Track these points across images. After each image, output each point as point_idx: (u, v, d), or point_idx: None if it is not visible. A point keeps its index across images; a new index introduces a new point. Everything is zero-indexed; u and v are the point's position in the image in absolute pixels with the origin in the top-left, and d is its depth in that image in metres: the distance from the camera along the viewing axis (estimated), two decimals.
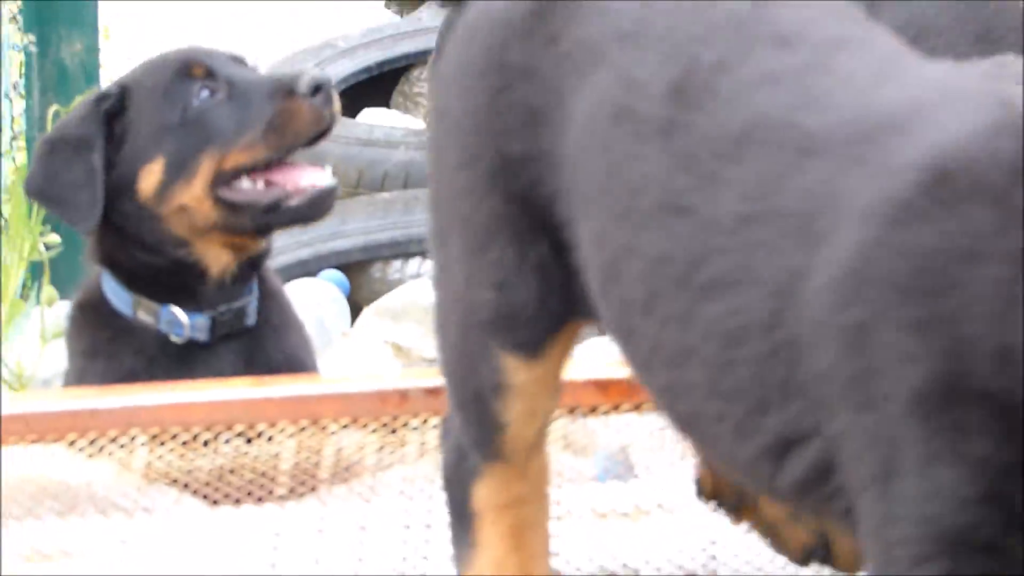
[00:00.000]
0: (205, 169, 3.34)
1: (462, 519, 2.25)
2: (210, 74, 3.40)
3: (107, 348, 3.39)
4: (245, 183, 3.39)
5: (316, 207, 3.39)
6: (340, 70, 5.56)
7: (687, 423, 2.11)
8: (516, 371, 2.17)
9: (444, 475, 2.24)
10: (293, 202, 3.36)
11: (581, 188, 2.07)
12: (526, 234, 2.16)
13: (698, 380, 2.01)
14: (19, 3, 3.92)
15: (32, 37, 3.96)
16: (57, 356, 3.48)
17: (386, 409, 2.62)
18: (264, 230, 3.44)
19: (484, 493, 2.23)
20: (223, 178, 3.36)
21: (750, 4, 2.04)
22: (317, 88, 3.36)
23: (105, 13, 4.54)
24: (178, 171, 3.36)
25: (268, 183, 3.40)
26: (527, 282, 2.16)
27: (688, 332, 1.97)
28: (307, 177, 3.44)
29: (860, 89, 1.91)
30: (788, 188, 1.82)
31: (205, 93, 3.38)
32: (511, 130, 2.13)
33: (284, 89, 3.38)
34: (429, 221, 2.32)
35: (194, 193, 3.34)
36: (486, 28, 2.24)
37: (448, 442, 2.29)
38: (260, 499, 2.55)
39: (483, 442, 2.23)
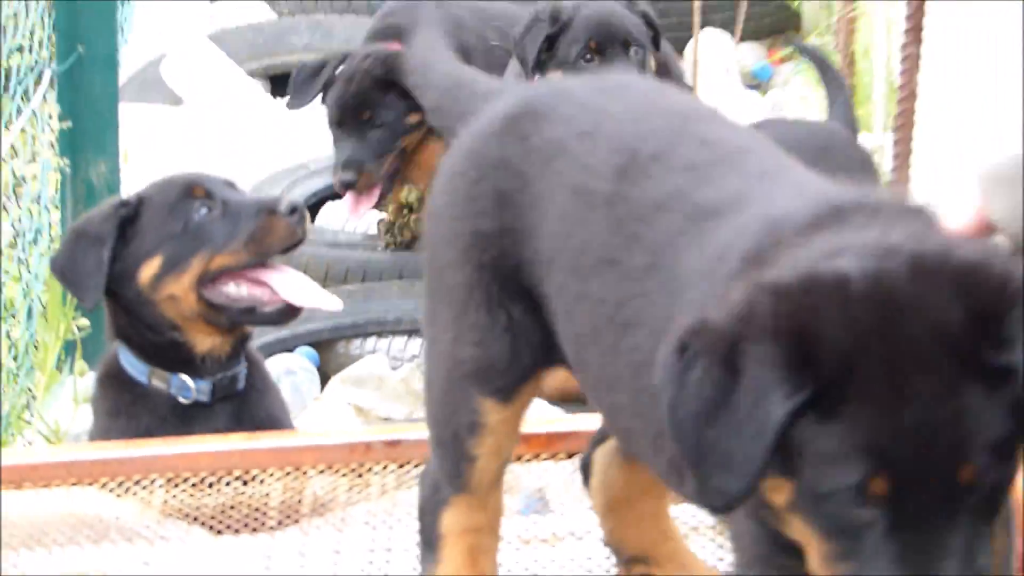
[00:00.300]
0: (195, 267, 3.37)
1: (430, 540, 2.28)
2: (208, 195, 3.46)
3: (127, 409, 3.38)
4: (231, 286, 3.43)
5: (285, 316, 3.48)
6: (312, 187, 5.53)
7: (623, 437, 2.18)
8: (490, 412, 2.19)
9: (420, 504, 2.29)
10: (267, 309, 3.44)
11: (546, 249, 2.13)
12: (496, 299, 2.20)
13: (624, 403, 2.04)
14: (56, 132, 3.94)
15: (66, 160, 3.97)
16: (86, 417, 3.50)
17: (354, 457, 2.64)
18: (238, 327, 3.49)
19: (450, 519, 2.26)
20: (209, 276, 3.40)
21: (681, 119, 2.17)
22: (293, 209, 3.43)
23: (125, 140, 4.28)
24: (172, 267, 3.39)
25: (251, 282, 3.44)
26: (500, 339, 2.20)
27: (616, 362, 2.01)
28: (285, 284, 3.49)
29: (741, 179, 1.97)
30: (674, 245, 1.86)
31: (203, 209, 3.42)
32: (484, 211, 2.19)
33: (267, 208, 3.45)
34: (424, 300, 2.39)
35: (182, 286, 3.38)
36: (469, 137, 2.29)
37: (425, 480, 2.33)
38: (254, 530, 2.55)
39: (455, 474, 2.25)
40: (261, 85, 5.15)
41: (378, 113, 4.98)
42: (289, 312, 3.46)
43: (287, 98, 5.09)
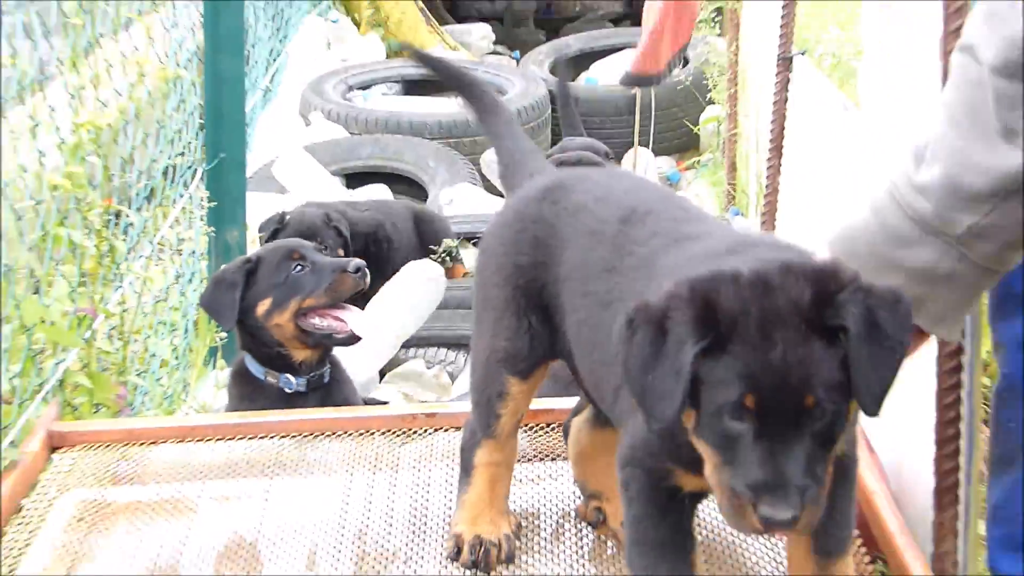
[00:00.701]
0: (292, 306, 3.53)
1: (466, 468, 2.34)
2: (302, 257, 3.59)
3: (250, 395, 3.53)
4: (316, 319, 3.58)
5: (351, 340, 3.62)
6: None
7: (596, 392, 2.21)
8: (513, 386, 2.28)
9: (461, 444, 2.37)
10: (339, 336, 3.59)
11: (564, 272, 2.21)
12: (524, 310, 2.28)
13: (602, 363, 2.08)
14: (205, 210, 4.01)
15: (212, 228, 4.06)
16: (223, 398, 3.60)
17: (403, 424, 2.69)
18: (321, 346, 3.65)
19: (480, 455, 2.32)
20: (301, 312, 3.54)
21: (663, 193, 2.46)
22: (357, 269, 3.59)
23: (249, 216, 4.34)
24: (277, 306, 3.54)
25: (330, 317, 3.60)
26: (523, 338, 2.27)
27: (600, 332, 2.05)
28: (352, 319, 3.67)
29: (705, 225, 2.11)
30: (658, 254, 1.96)
31: (298, 267, 3.58)
32: (523, 251, 2.29)
33: (340, 268, 3.61)
34: (474, 308, 2.46)
35: (284, 318, 3.52)
36: (515, 200, 2.42)
37: (466, 428, 2.37)
38: (336, 473, 2.53)
39: (486, 425, 2.30)
40: (339, 181, 5.19)
41: None
42: (353, 338, 3.61)
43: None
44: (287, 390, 3.55)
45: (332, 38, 6.75)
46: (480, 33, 7.49)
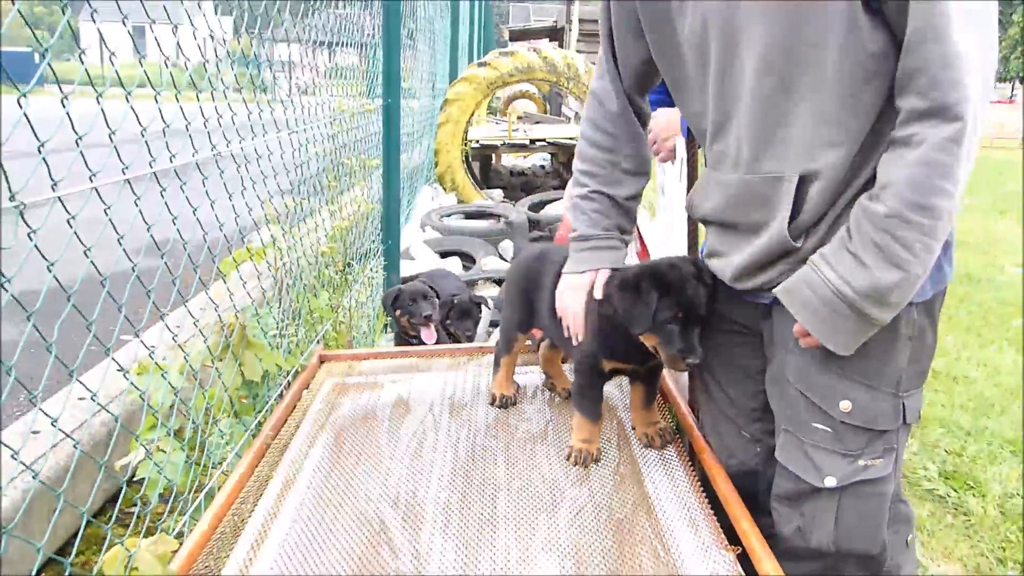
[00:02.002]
0: (403, 320, 3.29)
1: (496, 367, 2.22)
2: (420, 295, 3.33)
3: (403, 344, 3.37)
4: (419, 329, 3.31)
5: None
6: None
7: (557, 336, 1.98)
8: (518, 335, 2.13)
9: (494, 356, 2.25)
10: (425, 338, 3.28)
11: (541, 285, 2.02)
12: (525, 306, 2.09)
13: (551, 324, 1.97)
14: (382, 271, 4.06)
15: (384, 273, 4.07)
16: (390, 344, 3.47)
17: (469, 352, 2.53)
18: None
19: (502, 361, 2.20)
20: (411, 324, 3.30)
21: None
22: (428, 316, 3.31)
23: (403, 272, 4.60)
24: (400, 318, 3.32)
25: (423, 328, 3.31)
26: (523, 314, 2.10)
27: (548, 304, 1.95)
28: (429, 332, 3.33)
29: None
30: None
31: (412, 302, 3.31)
32: (524, 277, 2.10)
33: (428, 310, 3.31)
34: (504, 301, 2.27)
35: (403, 324, 3.31)
36: (521, 257, 2.19)
37: (496, 350, 2.22)
38: (449, 370, 2.42)
39: (506, 350, 2.16)
40: (437, 256, 5.13)
41: None
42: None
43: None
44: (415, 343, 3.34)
45: (434, 194, 6.78)
46: (498, 194, 7.51)
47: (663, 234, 2.48)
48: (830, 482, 1.41)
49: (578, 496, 1.77)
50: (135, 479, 1.77)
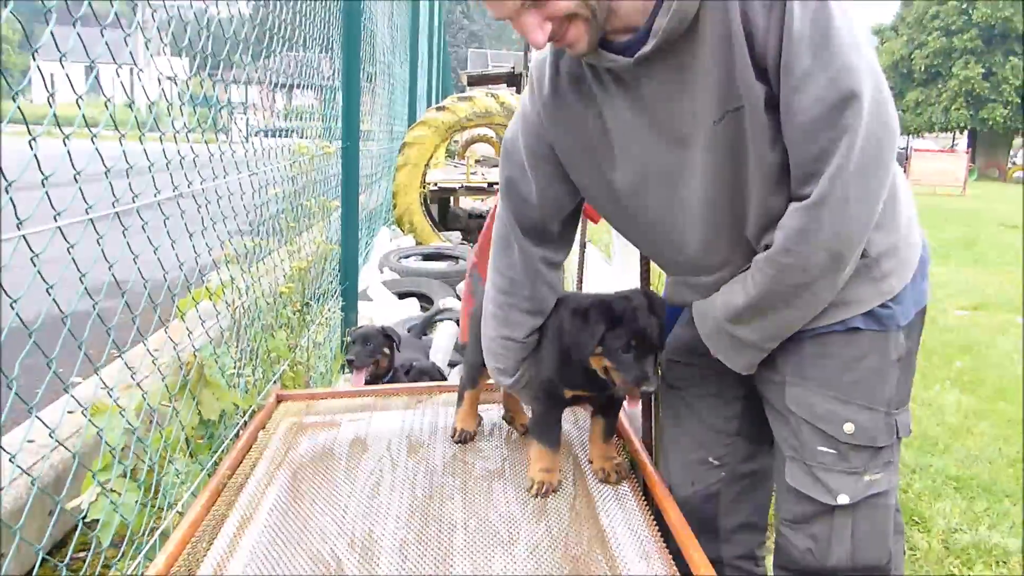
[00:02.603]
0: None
1: (460, 397, 2.21)
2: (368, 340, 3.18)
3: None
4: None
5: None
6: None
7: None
8: (482, 372, 2.10)
9: (459, 390, 2.22)
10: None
11: None
12: None
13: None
14: (340, 310, 4.08)
15: (342, 313, 4.07)
16: (346, 385, 3.43)
17: (428, 391, 2.52)
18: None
19: (467, 393, 2.18)
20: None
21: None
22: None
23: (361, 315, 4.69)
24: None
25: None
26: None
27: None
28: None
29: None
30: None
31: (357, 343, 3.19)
32: None
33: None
34: (470, 342, 2.22)
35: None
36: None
37: (460, 384, 2.21)
38: (406, 408, 2.46)
39: (469, 384, 2.14)
40: (395, 297, 5.12)
41: None
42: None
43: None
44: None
45: (392, 235, 6.81)
46: (456, 236, 7.56)
47: (620, 273, 2.55)
48: (843, 499, 1.48)
49: (535, 532, 1.80)
50: (88, 520, 1.75)
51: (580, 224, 3.31)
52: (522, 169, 1.66)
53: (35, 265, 1.31)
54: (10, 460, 1.27)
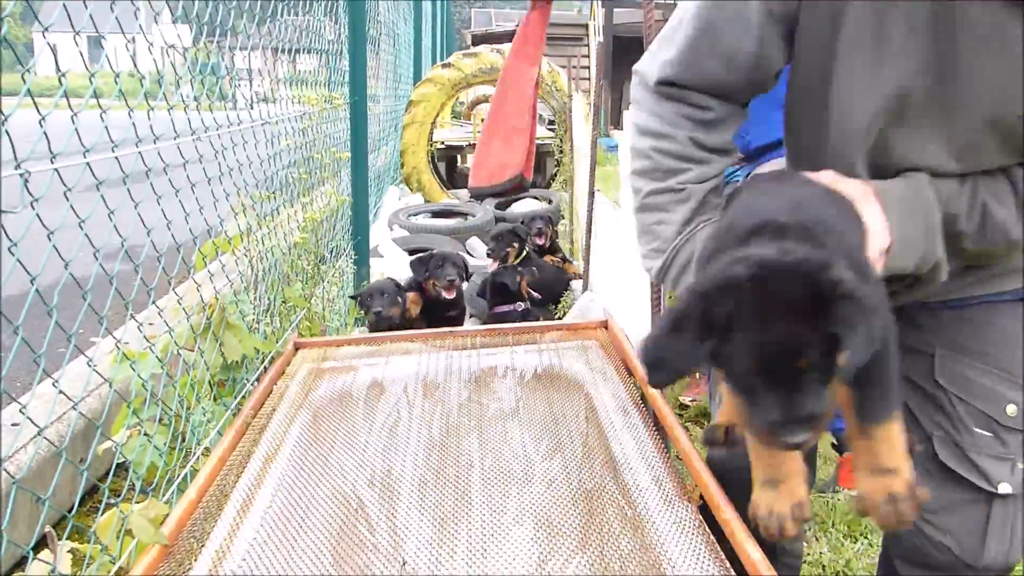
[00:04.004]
0: (428, 284, 3.38)
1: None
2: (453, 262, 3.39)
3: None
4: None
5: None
6: None
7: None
8: None
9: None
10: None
11: None
12: None
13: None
14: (352, 265, 4.14)
15: (354, 268, 4.11)
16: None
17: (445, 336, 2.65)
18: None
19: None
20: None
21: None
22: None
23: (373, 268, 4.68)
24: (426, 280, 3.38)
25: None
26: None
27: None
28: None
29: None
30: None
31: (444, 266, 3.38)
32: None
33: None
34: None
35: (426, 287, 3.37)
36: None
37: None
38: (421, 352, 2.49)
39: None
40: (405, 254, 5.10)
41: None
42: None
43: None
44: None
45: (401, 194, 6.84)
46: (464, 193, 7.57)
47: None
48: (1005, 488, 1.27)
49: (550, 468, 1.85)
50: (121, 464, 1.82)
51: (589, 173, 3.35)
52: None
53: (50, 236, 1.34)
54: (21, 411, 1.31)
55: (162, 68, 2.01)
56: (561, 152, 7.49)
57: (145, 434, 1.79)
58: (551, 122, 8.46)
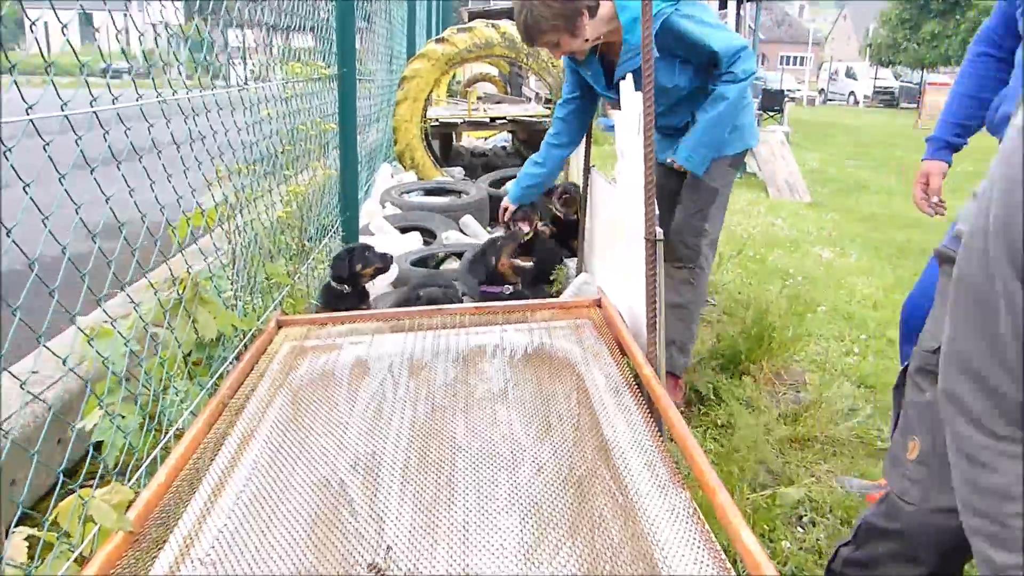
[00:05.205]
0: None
1: None
2: (366, 250, 3.24)
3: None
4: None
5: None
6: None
7: None
8: None
9: None
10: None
11: None
12: None
13: None
14: (341, 242, 4.09)
15: (343, 245, 4.03)
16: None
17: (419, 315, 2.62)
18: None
19: None
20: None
21: None
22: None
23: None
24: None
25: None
26: None
27: None
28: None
29: None
30: None
31: (367, 254, 3.19)
32: None
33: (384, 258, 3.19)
34: None
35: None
36: None
37: None
38: (404, 333, 2.45)
39: None
40: (397, 232, 5.02)
41: None
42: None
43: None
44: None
45: (394, 172, 6.76)
46: (458, 171, 7.45)
47: (624, 196, 2.47)
48: None
49: (539, 452, 1.79)
50: (95, 443, 1.75)
51: (585, 147, 3.26)
52: None
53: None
54: (21, 386, 1.24)
55: (154, 44, 1.96)
56: None
57: (107, 414, 1.70)
58: (548, 100, 8.31)
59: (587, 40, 2.63)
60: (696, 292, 3.01)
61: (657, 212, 1.97)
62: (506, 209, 3.49)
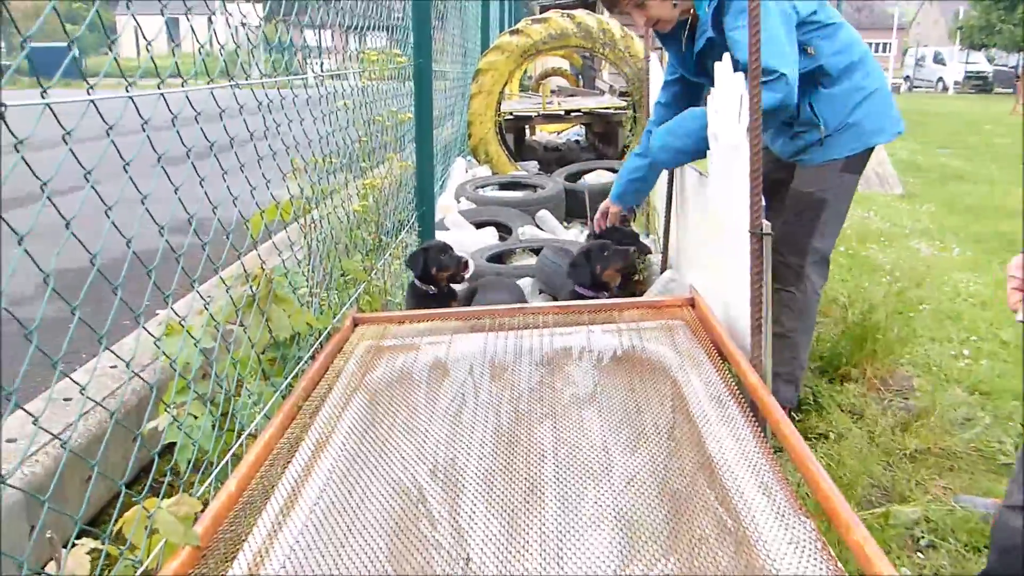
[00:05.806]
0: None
1: None
2: (444, 249, 3.07)
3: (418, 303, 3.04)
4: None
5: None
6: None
7: None
8: None
9: None
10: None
11: None
12: None
13: None
14: (416, 237, 3.99)
15: (419, 240, 3.99)
16: None
17: (507, 314, 2.52)
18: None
19: None
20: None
21: None
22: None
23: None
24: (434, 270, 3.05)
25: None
26: None
27: None
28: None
29: None
30: None
31: (443, 256, 3.03)
32: None
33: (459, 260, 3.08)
34: None
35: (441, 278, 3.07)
36: None
37: None
38: (484, 332, 2.35)
39: None
40: (472, 227, 4.98)
41: None
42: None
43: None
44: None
45: (468, 166, 6.71)
46: (533, 165, 7.35)
47: (720, 189, 2.28)
48: None
49: (631, 464, 1.65)
50: (165, 445, 1.68)
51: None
52: None
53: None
54: (81, 392, 1.17)
55: (237, 46, 1.95)
56: (635, 122, 7.15)
57: (174, 417, 1.62)
58: (623, 92, 8.10)
59: (675, 5, 2.37)
60: (801, 319, 2.63)
61: (763, 203, 1.78)
62: (605, 212, 3.13)
